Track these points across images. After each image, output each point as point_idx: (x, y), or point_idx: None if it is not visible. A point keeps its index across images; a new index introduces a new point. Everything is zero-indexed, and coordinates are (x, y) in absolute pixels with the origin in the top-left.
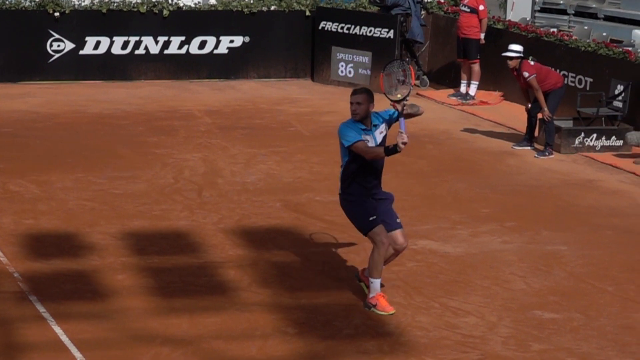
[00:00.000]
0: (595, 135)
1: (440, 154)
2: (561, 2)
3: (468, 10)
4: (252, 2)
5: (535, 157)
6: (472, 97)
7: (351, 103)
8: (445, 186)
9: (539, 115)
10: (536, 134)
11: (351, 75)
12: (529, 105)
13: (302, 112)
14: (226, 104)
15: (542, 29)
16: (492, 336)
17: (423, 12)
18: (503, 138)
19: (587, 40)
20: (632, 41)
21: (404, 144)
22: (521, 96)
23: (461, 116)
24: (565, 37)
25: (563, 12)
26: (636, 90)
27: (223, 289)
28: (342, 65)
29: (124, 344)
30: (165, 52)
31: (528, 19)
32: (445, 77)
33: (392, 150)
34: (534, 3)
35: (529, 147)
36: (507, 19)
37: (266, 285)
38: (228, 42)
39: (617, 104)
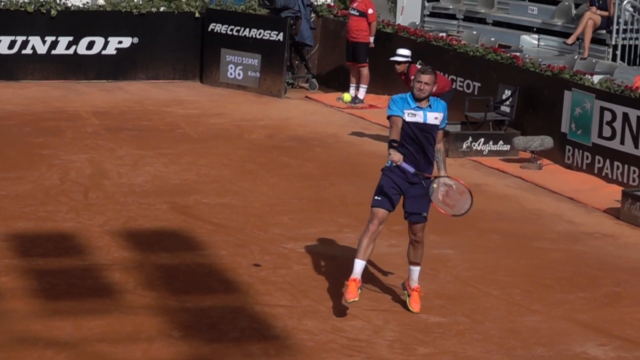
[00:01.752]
0: (482, 139)
1: (329, 157)
2: (450, 7)
3: (357, 13)
4: (141, 3)
5: None
6: (361, 101)
7: (419, 82)
8: (333, 189)
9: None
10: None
11: (240, 77)
12: None
13: (190, 114)
14: (114, 105)
15: (431, 33)
16: (378, 339)
17: (313, 15)
18: None
19: (476, 45)
20: (520, 46)
21: (393, 160)
22: None
23: (350, 119)
24: (454, 42)
25: (452, 17)
26: (523, 96)
27: (108, 292)
28: (231, 68)
29: (6, 347)
30: (53, 52)
31: (417, 23)
32: (335, 80)
33: (390, 147)
34: (423, 7)
35: None
36: (396, 23)
37: (152, 288)
38: (116, 43)
39: (505, 108)
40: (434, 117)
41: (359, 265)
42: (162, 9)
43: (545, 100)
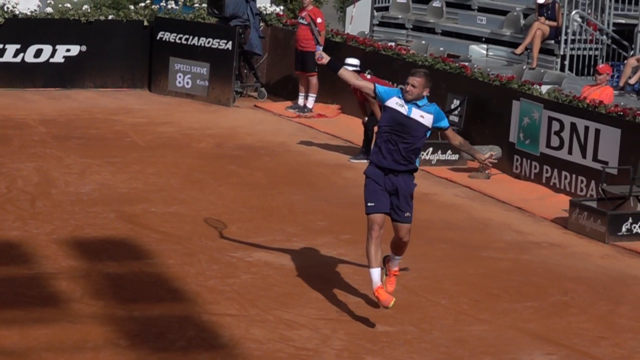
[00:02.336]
0: (431, 149)
1: (277, 166)
2: (399, 16)
3: (306, 23)
4: (89, 11)
5: None
6: (310, 110)
7: (407, 83)
8: (281, 198)
9: (376, 129)
10: (372, 146)
11: (189, 86)
12: (366, 119)
13: (138, 122)
14: (62, 114)
15: (380, 42)
16: (326, 349)
17: (262, 24)
18: (340, 151)
19: (425, 55)
20: (468, 56)
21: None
22: (358, 109)
23: (299, 128)
24: (403, 52)
25: (401, 26)
26: (472, 105)
27: (55, 301)
28: (179, 76)
29: None
30: (0, 60)
31: (366, 32)
32: (283, 89)
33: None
34: (372, 17)
35: (365, 160)
36: (345, 32)
37: (99, 297)
38: (64, 51)
39: (454, 118)
40: (419, 115)
41: (375, 273)
42: (110, 17)
43: (493, 110)
